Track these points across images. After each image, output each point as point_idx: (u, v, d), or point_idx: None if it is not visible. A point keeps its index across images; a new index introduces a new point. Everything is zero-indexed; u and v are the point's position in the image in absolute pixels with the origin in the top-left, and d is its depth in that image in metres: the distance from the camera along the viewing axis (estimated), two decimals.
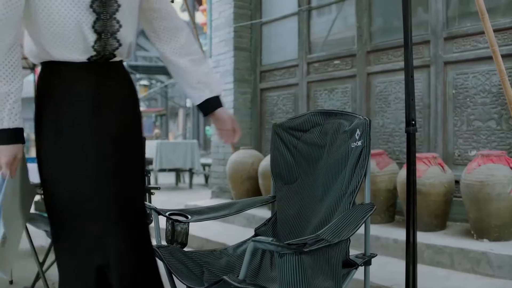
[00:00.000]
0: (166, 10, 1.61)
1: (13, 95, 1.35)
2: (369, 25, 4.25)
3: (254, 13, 5.40)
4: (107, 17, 1.40)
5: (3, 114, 1.35)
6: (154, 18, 1.61)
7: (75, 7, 1.35)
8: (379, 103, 4.17)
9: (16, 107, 1.36)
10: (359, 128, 1.81)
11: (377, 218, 3.66)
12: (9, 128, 1.35)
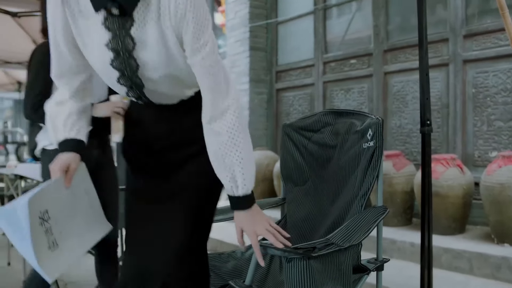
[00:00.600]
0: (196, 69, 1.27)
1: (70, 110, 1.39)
2: (386, 23, 4.17)
3: (270, 13, 5.35)
4: (130, 74, 1.30)
5: (59, 125, 1.39)
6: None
7: (101, 63, 1.30)
8: (396, 103, 4.08)
9: (72, 121, 1.38)
10: (371, 128, 1.74)
11: (394, 221, 3.57)
12: (66, 139, 1.37)
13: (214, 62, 1.23)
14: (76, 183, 1.37)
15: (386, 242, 3.28)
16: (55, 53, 1.33)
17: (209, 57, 1.22)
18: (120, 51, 1.23)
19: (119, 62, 1.26)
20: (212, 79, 1.24)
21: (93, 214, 1.46)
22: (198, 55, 1.21)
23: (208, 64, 1.22)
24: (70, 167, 1.34)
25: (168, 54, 1.23)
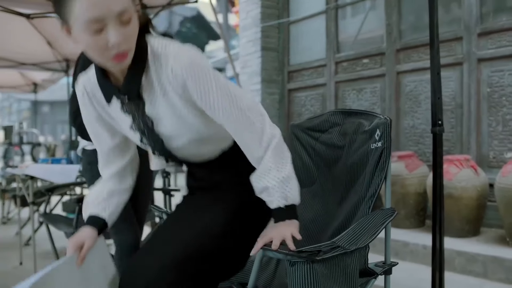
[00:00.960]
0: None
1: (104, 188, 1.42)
2: (399, 22, 4.10)
3: (282, 13, 5.31)
4: (159, 147, 1.36)
5: (89, 200, 1.43)
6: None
7: (136, 142, 1.38)
8: (409, 103, 4.02)
9: (101, 199, 1.40)
10: (379, 128, 1.70)
11: (406, 223, 3.52)
12: (90, 215, 1.39)
13: (237, 110, 1.22)
14: (91, 259, 1.33)
15: (399, 245, 3.23)
16: (96, 140, 1.39)
17: (228, 109, 1.21)
18: (144, 130, 1.29)
19: (147, 139, 1.32)
20: (243, 126, 1.24)
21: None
22: (218, 112, 1.21)
23: (233, 116, 1.22)
24: (85, 244, 1.31)
25: (185, 122, 1.25)
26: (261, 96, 5.24)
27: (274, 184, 1.25)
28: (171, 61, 1.16)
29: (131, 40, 1.14)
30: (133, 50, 1.15)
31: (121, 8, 1.08)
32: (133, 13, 1.12)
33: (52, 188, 3.12)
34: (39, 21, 5.35)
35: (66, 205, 4.47)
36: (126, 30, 1.10)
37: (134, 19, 1.13)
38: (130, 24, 1.11)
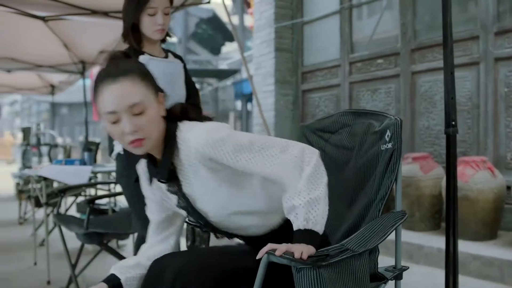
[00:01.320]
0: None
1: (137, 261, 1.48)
2: (413, 21, 4.05)
3: (296, 13, 5.28)
4: (204, 222, 1.42)
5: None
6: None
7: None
8: (424, 104, 3.96)
9: (128, 265, 1.46)
10: (389, 129, 1.66)
11: (421, 226, 3.46)
12: (111, 273, 1.45)
13: (267, 158, 1.26)
14: None
15: (413, 248, 3.18)
16: (149, 212, 1.49)
17: (260, 162, 1.25)
18: (188, 208, 1.37)
19: (192, 216, 1.40)
20: (278, 172, 1.26)
21: None
22: (253, 168, 1.26)
23: (268, 170, 1.25)
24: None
25: (219, 198, 1.32)
26: (275, 97, 5.21)
27: (300, 203, 1.24)
28: (192, 142, 1.25)
29: (146, 128, 1.23)
30: (151, 137, 1.25)
31: (132, 102, 1.20)
32: (149, 104, 1.23)
33: (64, 189, 3.13)
34: (55, 23, 5.40)
35: (80, 206, 4.50)
36: (139, 120, 1.21)
37: (150, 110, 1.23)
38: (143, 114, 1.22)
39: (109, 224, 3.04)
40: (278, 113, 5.21)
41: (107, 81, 1.21)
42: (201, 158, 1.25)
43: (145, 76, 1.26)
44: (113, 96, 1.20)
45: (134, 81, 1.22)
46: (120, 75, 1.22)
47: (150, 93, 1.25)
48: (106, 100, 1.21)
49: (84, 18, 4.43)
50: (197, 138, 1.24)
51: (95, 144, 5.06)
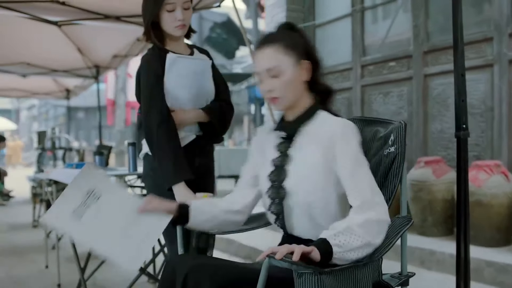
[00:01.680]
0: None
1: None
2: (426, 23, 3.99)
3: (307, 16, 5.25)
4: (277, 201, 1.50)
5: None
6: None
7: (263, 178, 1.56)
8: (437, 107, 3.89)
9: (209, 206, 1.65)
10: (393, 133, 1.62)
11: (433, 231, 3.39)
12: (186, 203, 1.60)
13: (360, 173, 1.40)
14: (148, 217, 1.46)
15: (425, 253, 3.12)
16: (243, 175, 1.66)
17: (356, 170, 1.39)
18: (279, 168, 1.49)
19: (272, 190, 1.49)
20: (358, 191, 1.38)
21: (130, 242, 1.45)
22: (344, 171, 1.39)
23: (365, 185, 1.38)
24: (156, 203, 1.53)
25: (310, 177, 1.42)
26: None
27: (342, 227, 1.29)
28: (332, 121, 1.44)
29: (279, 89, 1.43)
30: (284, 97, 1.44)
31: (268, 67, 1.43)
32: (285, 70, 1.42)
33: None
34: (69, 28, 5.46)
35: None
36: (274, 82, 1.43)
37: (285, 74, 1.42)
38: (279, 77, 1.42)
39: None
40: None
41: (257, 47, 1.47)
42: (328, 138, 1.40)
43: (288, 46, 1.42)
44: (257, 60, 1.47)
45: (275, 49, 1.43)
46: (266, 43, 1.45)
47: (289, 60, 1.42)
48: (254, 63, 1.50)
49: (96, 23, 4.46)
50: (338, 121, 1.43)
51: (108, 148, 5.08)
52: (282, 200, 1.46)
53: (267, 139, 1.58)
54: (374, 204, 1.35)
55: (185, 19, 1.94)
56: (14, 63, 6.48)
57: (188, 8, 1.95)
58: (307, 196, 1.42)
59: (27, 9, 4.06)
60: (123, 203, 1.42)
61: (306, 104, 1.49)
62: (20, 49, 6.12)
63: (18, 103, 28.33)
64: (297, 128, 1.48)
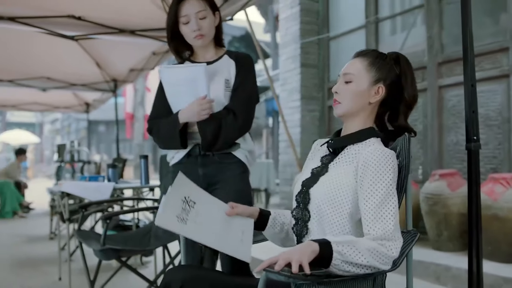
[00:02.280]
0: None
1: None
2: (440, 34, 3.94)
3: (321, 28, 5.25)
4: (302, 206, 1.51)
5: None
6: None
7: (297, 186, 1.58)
8: (452, 119, 3.82)
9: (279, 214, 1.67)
10: (398, 145, 1.59)
11: (449, 246, 3.31)
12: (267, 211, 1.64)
13: (379, 205, 1.35)
14: (238, 220, 1.55)
15: (440, 269, 3.04)
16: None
17: (375, 203, 1.35)
18: (316, 177, 1.50)
19: (301, 194, 1.51)
20: (375, 216, 1.35)
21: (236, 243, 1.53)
22: (365, 200, 1.36)
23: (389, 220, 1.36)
24: (241, 210, 1.55)
25: (336, 195, 1.41)
26: (301, 113, 5.16)
27: (350, 239, 1.29)
28: (373, 149, 1.40)
29: (343, 95, 1.48)
30: (345, 104, 1.48)
31: (346, 71, 1.48)
32: (357, 80, 1.46)
33: (86, 205, 3.16)
34: (87, 43, 5.55)
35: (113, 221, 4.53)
36: (343, 86, 1.48)
37: (355, 84, 1.46)
38: (349, 84, 1.47)
39: (128, 240, 3.03)
40: (304, 129, 5.15)
41: (353, 56, 1.55)
42: (363, 164, 1.39)
43: (373, 64, 1.48)
44: (346, 64, 1.52)
45: (360, 61, 1.50)
46: (360, 54, 1.53)
47: (365, 75, 1.47)
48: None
49: (111, 37, 4.52)
50: (376, 151, 1.39)
51: (122, 160, 5.11)
52: (306, 206, 1.48)
53: (319, 151, 1.61)
54: (392, 238, 1.33)
55: (201, 28, 1.95)
56: (34, 77, 6.61)
57: (204, 17, 1.95)
58: (325, 208, 1.42)
59: (44, 24, 4.14)
60: (214, 207, 1.54)
61: (363, 125, 1.50)
62: (40, 63, 6.25)
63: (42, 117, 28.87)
64: (343, 146, 1.50)
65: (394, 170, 1.40)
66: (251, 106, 2.03)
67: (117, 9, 4.11)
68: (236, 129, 1.97)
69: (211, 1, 2.02)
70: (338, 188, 1.42)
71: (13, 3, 3.90)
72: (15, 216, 7.66)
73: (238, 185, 2.02)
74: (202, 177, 2.02)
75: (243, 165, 2.02)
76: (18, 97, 8.60)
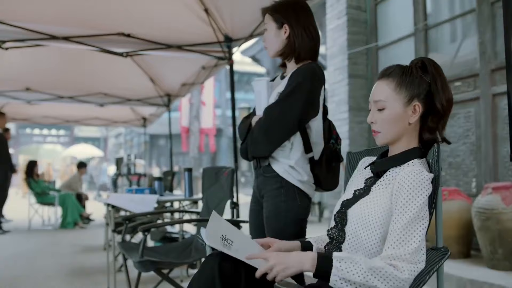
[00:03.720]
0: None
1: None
2: (493, 39, 3.73)
3: (370, 38, 5.13)
4: (339, 225, 1.50)
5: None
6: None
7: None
8: (507, 128, 3.58)
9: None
10: (430, 157, 1.50)
11: (504, 264, 3.10)
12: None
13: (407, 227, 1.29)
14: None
15: None
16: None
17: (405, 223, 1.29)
18: (357, 198, 1.47)
19: (339, 213, 1.49)
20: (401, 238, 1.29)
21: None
22: (395, 223, 1.31)
23: (414, 242, 1.28)
24: (277, 248, 1.49)
25: (372, 218, 1.37)
26: (349, 125, 5.05)
27: (352, 256, 1.27)
28: (410, 170, 1.35)
29: (380, 123, 1.43)
30: (384, 132, 1.44)
31: (376, 98, 1.44)
32: (390, 105, 1.41)
33: (129, 217, 3.23)
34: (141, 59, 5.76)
35: (153, 234, 4.63)
36: (377, 115, 1.43)
37: (389, 110, 1.41)
38: (383, 112, 1.42)
39: (170, 252, 3.06)
40: (352, 141, 5.03)
41: (377, 77, 1.48)
42: (397, 185, 1.34)
43: (401, 84, 1.41)
44: (372, 90, 1.48)
45: (387, 83, 1.43)
46: (383, 75, 1.45)
47: (397, 98, 1.41)
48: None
49: (160, 52, 4.65)
50: (413, 172, 1.33)
51: (171, 173, 5.21)
52: (343, 227, 1.45)
53: (364, 170, 1.58)
54: (410, 260, 1.25)
55: (264, 40, 2.05)
56: (92, 93, 6.92)
57: (265, 29, 2.03)
58: (360, 231, 1.39)
59: (96, 42, 4.33)
60: (250, 248, 1.47)
61: (408, 146, 1.45)
62: (97, 80, 6.54)
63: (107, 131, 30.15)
64: (385, 169, 1.46)
65: (428, 193, 1.33)
66: (281, 121, 1.92)
67: (164, 25, 4.24)
68: (262, 143, 1.94)
69: (276, 15, 2.01)
70: (374, 211, 1.38)
71: (66, 24, 4.11)
72: (76, 226, 7.98)
73: (274, 201, 1.98)
74: (256, 189, 2.07)
75: (282, 179, 1.95)
76: (80, 113, 9.05)
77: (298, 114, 1.91)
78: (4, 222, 8.17)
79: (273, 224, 1.97)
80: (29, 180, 8.12)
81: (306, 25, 1.98)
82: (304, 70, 1.94)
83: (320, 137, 2.03)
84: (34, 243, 6.22)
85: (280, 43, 1.99)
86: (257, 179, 2.06)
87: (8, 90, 6.55)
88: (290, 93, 1.91)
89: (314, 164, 2.02)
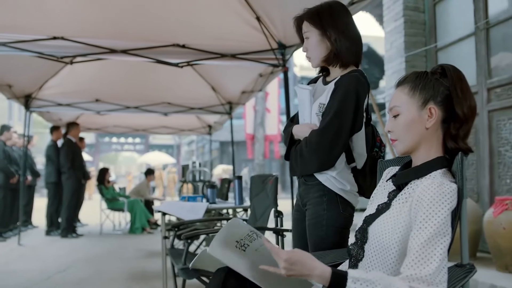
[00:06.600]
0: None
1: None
2: None
3: (429, 39, 4.92)
4: (360, 241, 1.46)
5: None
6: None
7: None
8: None
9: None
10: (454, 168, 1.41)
11: None
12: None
13: (428, 245, 1.21)
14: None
15: None
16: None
17: (425, 241, 1.21)
18: (380, 212, 1.42)
19: (361, 230, 1.45)
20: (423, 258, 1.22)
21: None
22: (414, 238, 1.23)
23: (434, 260, 1.20)
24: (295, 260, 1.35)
25: (388, 237, 1.32)
26: None
27: (368, 276, 1.19)
28: (431, 182, 1.28)
29: (397, 131, 1.39)
30: (402, 139, 1.39)
31: (392, 105, 1.40)
32: (405, 111, 1.37)
33: (178, 224, 3.30)
34: (201, 68, 5.91)
35: (208, 241, 4.70)
36: (393, 122, 1.40)
37: (403, 116, 1.37)
38: (397, 119, 1.38)
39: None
40: None
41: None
42: (417, 199, 1.27)
43: (415, 88, 1.37)
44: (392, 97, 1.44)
45: (401, 89, 1.40)
46: (399, 83, 1.42)
47: (410, 102, 1.37)
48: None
49: (215, 62, 4.74)
50: (434, 185, 1.27)
51: (228, 181, 5.28)
52: (363, 245, 1.41)
53: (388, 183, 1.52)
54: (430, 282, 1.17)
55: (307, 50, 1.97)
56: (157, 103, 7.19)
57: (307, 37, 1.95)
58: (378, 251, 1.34)
59: (152, 54, 4.50)
60: (266, 253, 1.43)
61: (428, 154, 1.38)
62: (160, 90, 6.79)
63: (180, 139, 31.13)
64: (407, 181, 1.39)
65: (451, 207, 1.25)
66: (331, 136, 1.83)
67: (217, 35, 4.32)
68: (314, 164, 1.89)
69: (317, 21, 1.92)
70: (392, 229, 1.32)
71: (124, 38, 4.31)
72: (144, 232, 8.27)
73: (315, 209, 1.93)
74: (299, 197, 2.05)
75: (324, 187, 1.90)
76: (148, 122, 9.43)
77: (348, 134, 1.85)
78: (79, 227, 8.67)
79: (314, 233, 1.93)
80: (100, 187, 8.53)
81: (345, 28, 1.90)
82: (348, 82, 1.86)
83: (363, 148, 1.95)
84: (103, 247, 6.53)
85: (325, 50, 1.92)
86: (300, 188, 2.04)
87: (80, 101, 6.97)
88: (336, 114, 1.83)
89: (358, 173, 1.96)
